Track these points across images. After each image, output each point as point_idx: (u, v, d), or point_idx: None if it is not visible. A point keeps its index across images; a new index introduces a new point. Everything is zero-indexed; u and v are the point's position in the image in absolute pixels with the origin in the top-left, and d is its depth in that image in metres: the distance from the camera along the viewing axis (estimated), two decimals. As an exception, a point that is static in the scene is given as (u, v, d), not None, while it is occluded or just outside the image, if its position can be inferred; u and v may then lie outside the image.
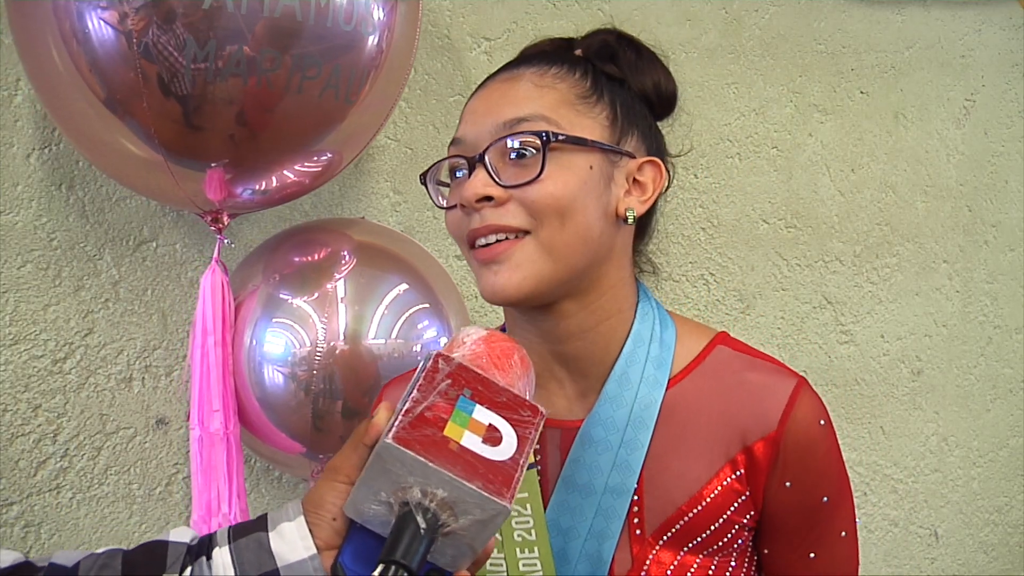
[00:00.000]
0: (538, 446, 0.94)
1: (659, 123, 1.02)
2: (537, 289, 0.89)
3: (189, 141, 1.26)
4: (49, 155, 1.58)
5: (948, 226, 2.12)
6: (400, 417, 0.74)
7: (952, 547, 2.20)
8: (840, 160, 2.03)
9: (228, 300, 1.40)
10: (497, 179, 0.88)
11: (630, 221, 0.93)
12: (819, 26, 1.98)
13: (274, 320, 1.40)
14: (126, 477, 1.65)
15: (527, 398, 0.81)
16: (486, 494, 0.72)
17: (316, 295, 1.39)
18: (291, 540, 0.76)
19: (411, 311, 1.43)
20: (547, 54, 0.98)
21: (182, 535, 0.81)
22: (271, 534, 0.77)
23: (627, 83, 0.97)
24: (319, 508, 0.77)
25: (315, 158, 1.37)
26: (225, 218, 1.41)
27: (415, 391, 0.76)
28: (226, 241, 1.44)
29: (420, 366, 0.79)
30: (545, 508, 0.93)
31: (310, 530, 0.76)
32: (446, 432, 0.74)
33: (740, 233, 1.97)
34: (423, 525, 0.71)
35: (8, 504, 1.60)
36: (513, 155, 0.89)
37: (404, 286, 1.44)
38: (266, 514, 0.79)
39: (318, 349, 1.37)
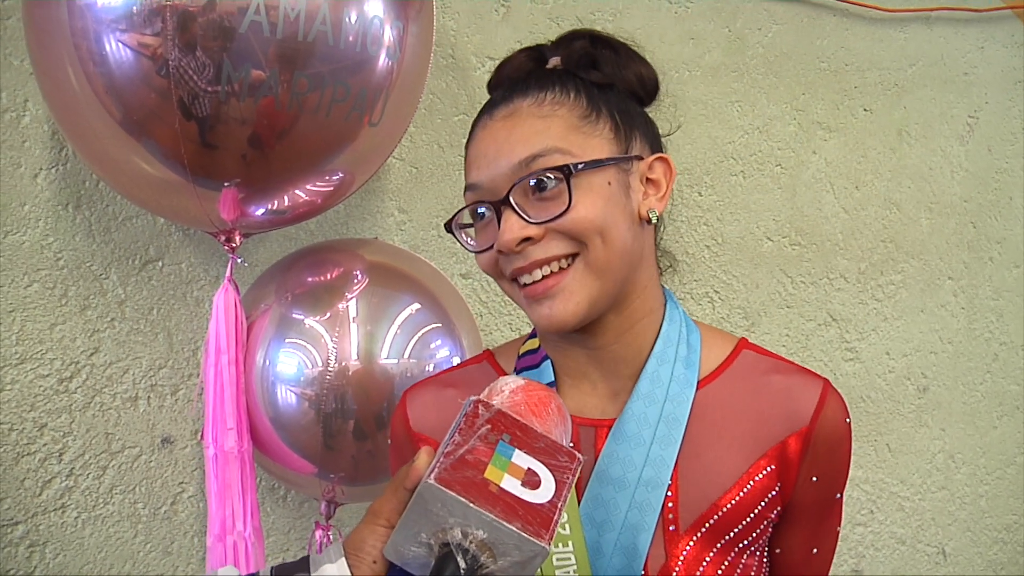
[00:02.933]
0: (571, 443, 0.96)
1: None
2: (591, 310, 0.92)
3: (210, 161, 1.27)
4: (56, 175, 1.59)
5: (953, 243, 2.12)
6: (441, 459, 0.76)
7: (960, 566, 2.18)
8: (844, 177, 2.03)
9: (240, 319, 1.41)
10: (528, 218, 0.90)
11: (654, 220, 0.96)
12: (822, 44, 1.99)
13: (286, 340, 1.40)
14: (131, 496, 1.65)
15: (564, 444, 0.83)
16: (525, 535, 0.74)
17: (328, 315, 1.39)
18: None
19: (424, 331, 1.43)
20: (533, 77, 0.98)
21: (228, 572, 0.84)
22: (313, 575, 0.79)
23: (615, 85, 0.98)
24: (359, 551, 0.79)
25: (328, 178, 1.38)
26: (237, 237, 1.41)
27: (456, 435, 0.78)
28: (239, 260, 1.44)
29: (460, 412, 0.82)
30: (579, 503, 0.95)
31: (351, 572, 0.78)
32: (486, 475, 0.76)
33: (744, 251, 1.97)
34: (463, 566, 0.73)
35: (13, 523, 1.60)
36: (535, 190, 0.91)
37: (416, 306, 1.44)
38: (308, 556, 0.82)
39: (329, 369, 1.37)
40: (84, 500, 1.63)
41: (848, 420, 1.02)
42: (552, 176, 0.90)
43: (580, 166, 0.90)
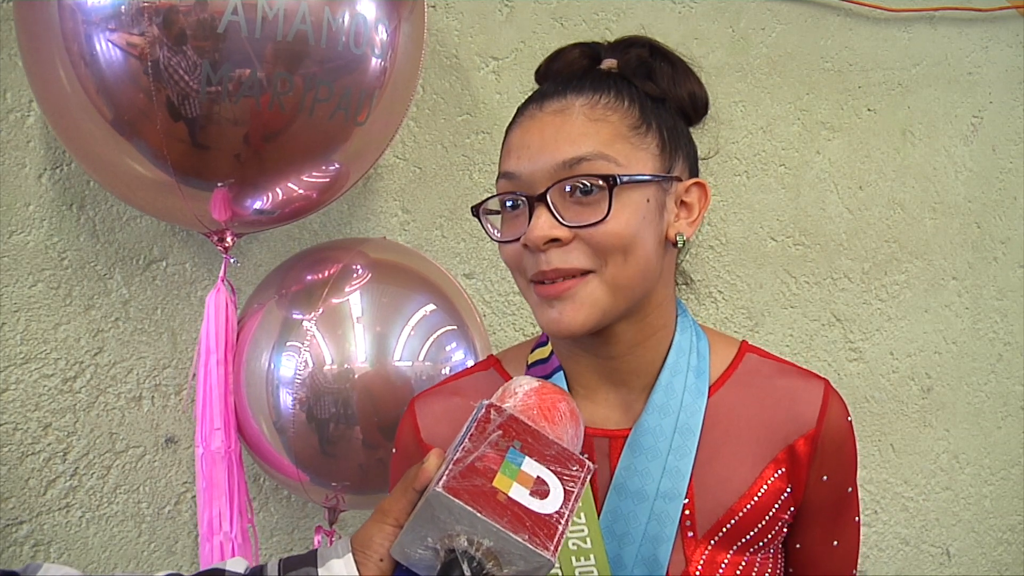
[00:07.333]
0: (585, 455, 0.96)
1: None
2: (599, 323, 0.92)
3: (198, 162, 1.27)
4: (60, 175, 1.59)
5: (957, 243, 2.12)
6: (451, 466, 0.76)
7: (965, 566, 2.18)
8: (848, 177, 2.03)
9: (231, 320, 1.41)
10: (561, 219, 0.90)
11: (680, 245, 0.96)
12: (826, 44, 1.99)
13: (287, 343, 1.37)
14: (135, 496, 1.66)
15: (575, 450, 0.83)
16: (531, 547, 0.74)
17: (322, 311, 1.37)
18: None
19: (439, 332, 1.40)
20: (588, 77, 0.97)
21: (237, 565, 0.84)
22: (320, 569, 0.80)
23: (666, 99, 0.98)
24: (367, 548, 0.80)
25: (321, 177, 1.38)
26: (230, 237, 1.41)
27: (466, 440, 0.79)
28: (232, 260, 1.44)
29: (472, 415, 0.82)
30: (598, 516, 0.95)
31: (357, 568, 0.79)
32: (495, 483, 0.76)
33: (748, 251, 1.97)
34: (468, 573, 0.74)
35: (18, 523, 1.60)
36: (574, 192, 0.90)
37: (431, 307, 1.41)
38: (316, 549, 0.83)
39: (325, 371, 1.34)
40: (88, 500, 1.63)
41: (849, 419, 1.03)
42: (597, 184, 0.89)
43: (625, 179, 0.89)
